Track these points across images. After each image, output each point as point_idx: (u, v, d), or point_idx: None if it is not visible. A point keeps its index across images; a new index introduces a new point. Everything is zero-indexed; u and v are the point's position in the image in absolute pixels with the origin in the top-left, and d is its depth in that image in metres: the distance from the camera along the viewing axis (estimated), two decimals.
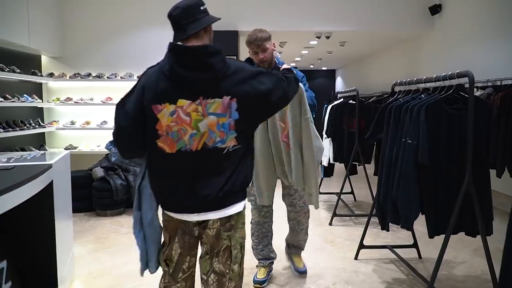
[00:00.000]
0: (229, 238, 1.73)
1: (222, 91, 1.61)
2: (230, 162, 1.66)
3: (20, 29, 5.43)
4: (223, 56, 1.64)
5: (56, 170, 2.60)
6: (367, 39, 8.86)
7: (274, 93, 1.70)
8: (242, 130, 1.66)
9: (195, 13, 1.66)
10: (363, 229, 3.56)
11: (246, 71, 1.66)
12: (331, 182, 6.31)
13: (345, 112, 4.80)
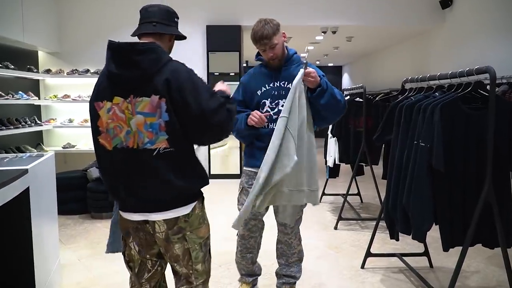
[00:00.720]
0: (182, 241, 1.74)
1: (151, 90, 1.59)
2: (165, 165, 1.63)
3: (13, 23, 5.27)
4: (157, 55, 1.62)
5: (34, 175, 2.41)
6: (375, 34, 8.59)
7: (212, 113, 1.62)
8: (174, 132, 1.62)
9: (169, 19, 1.77)
10: (370, 234, 3.33)
11: (185, 76, 1.61)
12: (336, 183, 6.06)
13: (351, 111, 4.55)
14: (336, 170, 5.14)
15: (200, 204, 1.80)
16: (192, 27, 6.96)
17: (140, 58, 1.60)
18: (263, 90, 2.48)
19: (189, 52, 6.98)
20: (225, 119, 1.67)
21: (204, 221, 1.82)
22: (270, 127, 2.44)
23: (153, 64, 1.60)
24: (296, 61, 2.52)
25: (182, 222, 1.72)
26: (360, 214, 4.81)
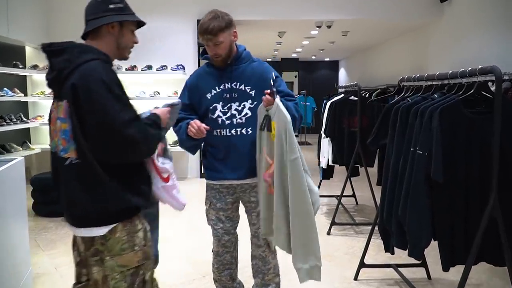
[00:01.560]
0: (100, 264, 1.57)
1: (63, 93, 1.50)
2: (74, 177, 1.51)
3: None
4: (70, 55, 1.50)
5: None
6: (371, 29, 8.35)
7: (123, 126, 1.44)
8: (81, 142, 1.47)
9: (100, 10, 1.58)
10: (365, 240, 3.13)
11: (95, 77, 1.44)
12: (331, 183, 5.84)
13: (345, 110, 4.34)
14: (330, 171, 4.94)
15: (127, 227, 1.57)
16: (182, 21, 6.73)
17: (55, 60, 1.53)
18: (213, 93, 2.24)
19: (180, 46, 6.76)
20: (138, 136, 1.46)
21: (133, 248, 1.58)
22: (223, 134, 2.22)
23: (65, 66, 1.49)
24: (246, 59, 2.28)
25: (98, 244, 1.56)
26: (355, 218, 4.60)
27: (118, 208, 1.54)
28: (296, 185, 1.92)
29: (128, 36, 1.66)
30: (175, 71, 6.57)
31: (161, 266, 3.41)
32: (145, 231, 1.65)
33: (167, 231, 4.36)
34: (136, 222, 1.61)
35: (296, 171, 1.92)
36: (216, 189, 2.34)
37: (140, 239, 1.61)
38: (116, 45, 1.63)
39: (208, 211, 2.40)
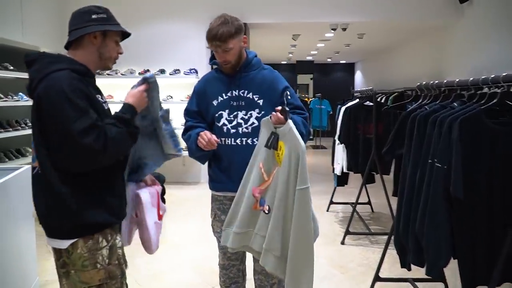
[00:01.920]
0: (67, 277, 1.57)
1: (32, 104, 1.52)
2: (39, 188, 1.53)
3: (12, 24, 5.09)
4: (39, 65, 1.51)
5: None
6: (388, 31, 8.18)
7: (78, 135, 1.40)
8: (41, 153, 1.48)
9: (82, 21, 1.58)
10: (380, 251, 2.99)
11: (55, 87, 1.43)
12: (345, 189, 5.68)
13: (360, 116, 4.21)
14: (345, 177, 4.81)
15: (88, 243, 1.53)
16: (195, 25, 6.68)
17: (29, 70, 1.55)
18: (219, 100, 2.15)
19: (192, 50, 6.71)
20: (95, 144, 1.42)
21: (95, 266, 1.54)
22: (228, 143, 2.13)
23: (35, 76, 1.50)
24: (256, 66, 2.19)
25: (65, 257, 1.55)
26: (371, 227, 4.46)
27: (75, 224, 1.50)
28: (302, 216, 1.82)
29: (111, 46, 1.64)
30: (188, 75, 6.53)
31: (168, 274, 3.38)
32: (111, 248, 1.59)
33: (175, 238, 4.30)
34: (99, 239, 1.55)
35: (304, 202, 1.82)
36: (220, 201, 2.26)
37: (104, 257, 1.56)
38: (98, 55, 1.62)
39: (213, 223, 2.32)
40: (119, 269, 1.63)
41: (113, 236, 1.61)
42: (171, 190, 5.86)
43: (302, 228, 1.82)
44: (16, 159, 5.10)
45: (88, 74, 1.59)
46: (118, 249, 1.64)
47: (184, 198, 5.85)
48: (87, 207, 1.50)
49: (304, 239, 1.83)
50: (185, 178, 6.81)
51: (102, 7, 1.64)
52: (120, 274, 1.63)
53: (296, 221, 1.82)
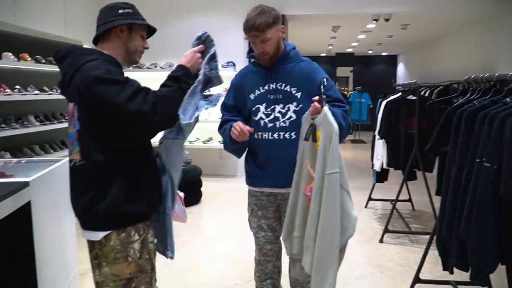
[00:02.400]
0: (99, 269, 1.60)
1: (68, 96, 1.57)
2: (80, 179, 1.55)
3: (56, 19, 5.24)
4: (71, 59, 1.56)
5: (38, 187, 2.20)
6: (433, 21, 7.84)
7: (126, 103, 1.42)
8: (86, 143, 1.51)
9: (109, 16, 1.63)
10: (421, 251, 2.88)
11: (91, 75, 1.46)
12: (385, 185, 5.51)
13: (402, 110, 4.05)
14: (385, 174, 4.66)
15: (121, 236, 1.56)
16: (233, 17, 6.66)
17: (61, 65, 1.59)
18: (256, 93, 2.11)
19: (230, 43, 6.69)
20: (141, 107, 1.43)
21: (126, 259, 1.57)
22: (265, 137, 2.08)
23: (68, 69, 1.54)
24: (294, 58, 2.13)
25: (97, 249, 1.58)
26: (411, 225, 4.30)
27: (113, 214, 1.52)
28: (329, 203, 1.75)
29: (137, 41, 1.67)
30: (225, 68, 6.52)
31: (204, 267, 3.39)
32: (143, 242, 1.61)
33: (212, 231, 4.32)
34: (131, 232, 1.58)
35: (332, 187, 1.74)
36: (256, 196, 2.23)
37: (135, 250, 1.59)
38: (125, 48, 1.65)
39: (250, 218, 2.31)
40: (149, 264, 1.65)
41: (145, 230, 1.63)
42: (208, 183, 5.93)
43: (328, 220, 1.75)
44: (60, 150, 5.28)
45: (118, 65, 1.61)
46: (150, 243, 1.65)
47: (220, 191, 5.88)
48: (127, 198, 1.53)
49: (328, 232, 1.75)
50: (222, 170, 6.84)
51: (129, 3, 1.68)
52: (150, 268, 1.65)
53: (322, 211, 1.75)
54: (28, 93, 4.67)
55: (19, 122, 4.55)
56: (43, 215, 2.29)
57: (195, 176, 5.34)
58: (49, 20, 5.06)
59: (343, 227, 1.78)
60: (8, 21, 4.25)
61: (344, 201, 1.79)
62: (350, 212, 1.81)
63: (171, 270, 3.34)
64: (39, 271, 2.19)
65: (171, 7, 6.80)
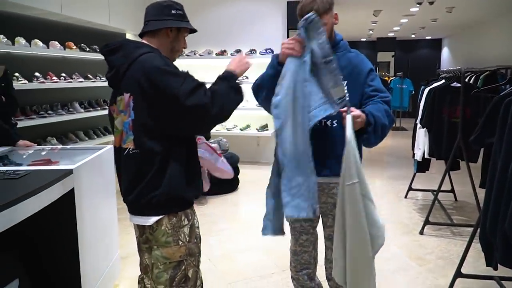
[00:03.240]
0: (149, 252, 1.70)
1: (123, 87, 1.62)
2: (133, 166, 1.61)
3: (100, 8, 5.38)
4: (125, 51, 1.62)
5: (81, 174, 2.29)
6: (480, 3, 7.45)
7: (187, 95, 1.50)
8: (140, 133, 1.58)
9: (163, 14, 1.68)
10: (463, 244, 2.78)
11: (151, 66, 1.54)
12: (427, 175, 5.32)
13: (446, 98, 3.89)
14: (426, 164, 4.52)
15: (173, 221, 1.65)
16: (271, 4, 6.60)
17: (112, 57, 1.65)
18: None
19: (269, 29, 6.66)
20: (202, 100, 1.52)
21: (177, 242, 1.66)
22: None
23: (123, 61, 1.60)
24: (343, 48, 2.07)
25: (148, 233, 1.68)
26: (453, 217, 4.16)
27: (167, 198, 1.60)
28: (353, 216, 1.69)
29: (181, 41, 1.75)
30: (263, 55, 6.49)
31: (240, 254, 3.44)
32: (191, 227, 1.70)
33: (248, 218, 4.36)
34: (182, 217, 1.67)
35: (352, 198, 1.68)
36: None
37: (185, 234, 1.67)
38: (171, 47, 1.73)
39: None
40: (197, 247, 1.74)
41: (192, 215, 1.72)
42: (245, 170, 5.97)
43: (355, 233, 1.69)
44: (103, 136, 5.47)
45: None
46: (196, 228, 1.74)
47: (258, 178, 5.90)
48: (179, 184, 1.61)
49: (356, 243, 1.70)
50: (258, 158, 6.86)
51: (180, 4, 1.74)
52: (198, 252, 1.74)
53: (348, 223, 1.71)
54: (73, 80, 4.85)
55: (65, 109, 4.73)
56: (86, 201, 2.38)
57: (233, 164, 5.38)
58: (93, 9, 5.19)
59: (373, 237, 1.72)
60: (54, 10, 4.40)
61: (369, 210, 1.72)
62: (377, 221, 1.75)
63: (208, 257, 3.41)
64: (82, 255, 2.29)
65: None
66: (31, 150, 2.82)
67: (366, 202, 1.71)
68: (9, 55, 4.12)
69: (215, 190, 4.97)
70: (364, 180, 1.72)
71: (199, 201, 4.82)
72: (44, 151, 2.94)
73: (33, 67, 4.39)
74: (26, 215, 1.75)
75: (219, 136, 5.69)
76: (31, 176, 2.04)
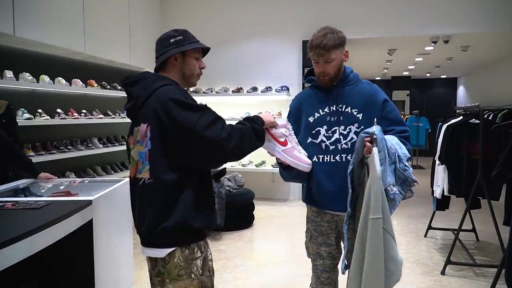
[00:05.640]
0: (162, 286, 1.64)
1: (140, 118, 1.63)
2: (148, 197, 1.60)
3: (122, 48, 5.58)
4: (146, 83, 1.65)
5: (100, 206, 2.31)
6: (496, 42, 7.51)
7: (204, 128, 1.51)
8: (156, 163, 1.58)
9: (163, 46, 1.72)
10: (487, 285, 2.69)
11: (170, 98, 1.56)
12: (447, 214, 5.21)
13: (465, 134, 3.86)
14: (446, 201, 4.43)
15: (185, 253, 1.61)
16: (287, 42, 6.76)
17: (132, 89, 1.68)
18: (316, 116, 2.09)
19: (284, 68, 6.78)
20: (219, 134, 1.52)
21: (190, 275, 1.61)
22: (327, 160, 2.04)
23: (142, 93, 1.63)
24: (354, 81, 2.10)
25: (160, 266, 1.63)
26: (475, 257, 4.02)
27: (179, 228, 1.57)
28: (372, 249, 1.70)
29: (191, 64, 1.74)
30: (279, 92, 6.58)
31: None
32: (204, 260, 1.66)
33: (263, 256, 4.28)
34: (195, 249, 1.63)
35: (375, 232, 1.69)
36: (316, 222, 2.18)
37: (198, 267, 1.64)
38: (182, 74, 1.73)
39: (308, 245, 2.26)
40: (210, 281, 1.70)
41: (206, 248, 1.68)
42: (260, 206, 5.93)
43: (372, 266, 1.69)
44: (120, 172, 5.52)
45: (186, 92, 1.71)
46: (209, 261, 1.70)
47: (273, 215, 5.85)
48: (192, 215, 1.59)
49: (374, 277, 1.70)
50: (274, 194, 6.81)
51: (180, 30, 1.75)
52: (211, 286, 1.70)
53: (367, 256, 1.70)
54: (93, 117, 4.96)
55: (84, 144, 4.82)
56: (104, 233, 2.38)
57: (248, 200, 5.35)
58: (115, 48, 5.39)
59: (389, 272, 1.72)
60: (78, 50, 4.58)
61: (389, 245, 1.73)
62: (396, 257, 1.75)
63: None
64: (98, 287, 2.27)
65: (226, 32, 7.00)
66: (51, 184, 2.86)
67: (387, 236, 1.71)
68: (33, 92, 4.26)
69: (230, 226, 4.93)
70: (388, 214, 1.73)
71: (214, 237, 4.76)
72: (63, 185, 2.98)
73: (55, 103, 4.52)
74: (45, 245, 1.77)
75: (235, 172, 5.69)
76: (52, 206, 2.06)
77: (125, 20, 5.66)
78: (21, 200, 2.15)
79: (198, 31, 1.97)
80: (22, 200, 2.15)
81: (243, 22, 6.97)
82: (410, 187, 1.95)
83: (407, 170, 1.92)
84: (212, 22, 7.00)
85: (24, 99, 4.09)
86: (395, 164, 1.85)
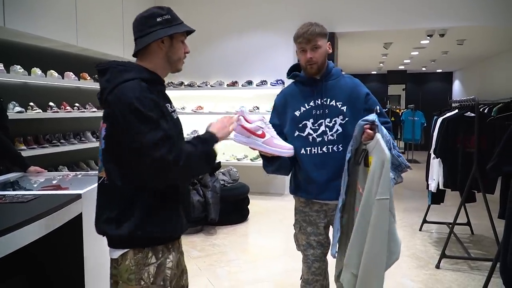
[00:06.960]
0: (115, 287, 1.52)
1: (104, 114, 1.50)
2: (105, 196, 1.51)
3: (115, 40, 5.51)
4: (110, 75, 1.48)
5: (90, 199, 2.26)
6: (492, 36, 7.49)
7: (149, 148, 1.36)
8: (109, 163, 1.48)
9: (147, 26, 1.51)
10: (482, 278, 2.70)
11: (127, 102, 1.39)
12: (442, 208, 5.18)
13: (460, 127, 3.84)
14: (441, 195, 4.42)
15: (138, 256, 1.48)
16: (282, 36, 6.70)
17: (101, 79, 1.52)
18: (302, 110, 2.14)
19: (279, 61, 6.73)
20: (169, 157, 1.36)
21: (139, 282, 1.48)
22: (314, 152, 2.10)
23: (106, 85, 1.48)
24: (336, 75, 2.18)
25: (113, 267, 1.52)
26: (470, 251, 4.01)
27: (132, 234, 1.46)
28: (377, 229, 1.76)
29: (178, 48, 1.57)
30: (274, 86, 6.54)
31: (249, 286, 3.33)
32: (159, 267, 1.52)
33: (258, 250, 4.27)
34: (149, 254, 1.50)
35: (381, 213, 1.76)
36: (305, 213, 2.22)
37: (150, 274, 1.50)
38: (167, 59, 1.56)
39: (298, 236, 2.28)
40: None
41: (164, 254, 1.54)
42: (255, 201, 5.90)
43: (376, 245, 1.76)
44: None
45: (158, 81, 1.56)
46: (167, 269, 1.55)
47: (267, 209, 5.83)
48: (147, 221, 1.47)
49: (377, 257, 1.76)
50: (269, 189, 6.80)
51: (164, 7, 1.55)
52: None
53: (370, 234, 1.76)
54: (86, 110, 4.91)
55: (77, 138, 4.77)
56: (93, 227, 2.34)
57: (243, 194, 5.33)
58: (108, 41, 5.33)
59: (390, 252, 1.79)
60: (70, 42, 4.52)
61: (391, 225, 1.80)
62: (396, 238, 1.83)
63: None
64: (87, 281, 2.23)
65: (221, 25, 6.95)
66: (42, 178, 2.81)
67: (390, 217, 1.78)
68: (25, 85, 4.20)
69: (225, 220, 4.91)
70: (392, 197, 1.79)
71: (208, 231, 4.74)
72: (56, 179, 2.94)
73: (48, 97, 4.47)
74: (31, 239, 1.72)
75: (229, 166, 5.66)
76: (40, 200, 2.02)
77: (118, 12, 5.60)
78: (8, 194, 2.11)
79: (192, 23, 1.91)
80: (10, 194, 2.10)
81: (238, 15, 6.92)
82: (402, 173, 2.03)
83: (401, 156, 2.00)
84: (207, 15, 6.94)
85: (15, 92, 4.04)
86: (390, 150, 1.86)
